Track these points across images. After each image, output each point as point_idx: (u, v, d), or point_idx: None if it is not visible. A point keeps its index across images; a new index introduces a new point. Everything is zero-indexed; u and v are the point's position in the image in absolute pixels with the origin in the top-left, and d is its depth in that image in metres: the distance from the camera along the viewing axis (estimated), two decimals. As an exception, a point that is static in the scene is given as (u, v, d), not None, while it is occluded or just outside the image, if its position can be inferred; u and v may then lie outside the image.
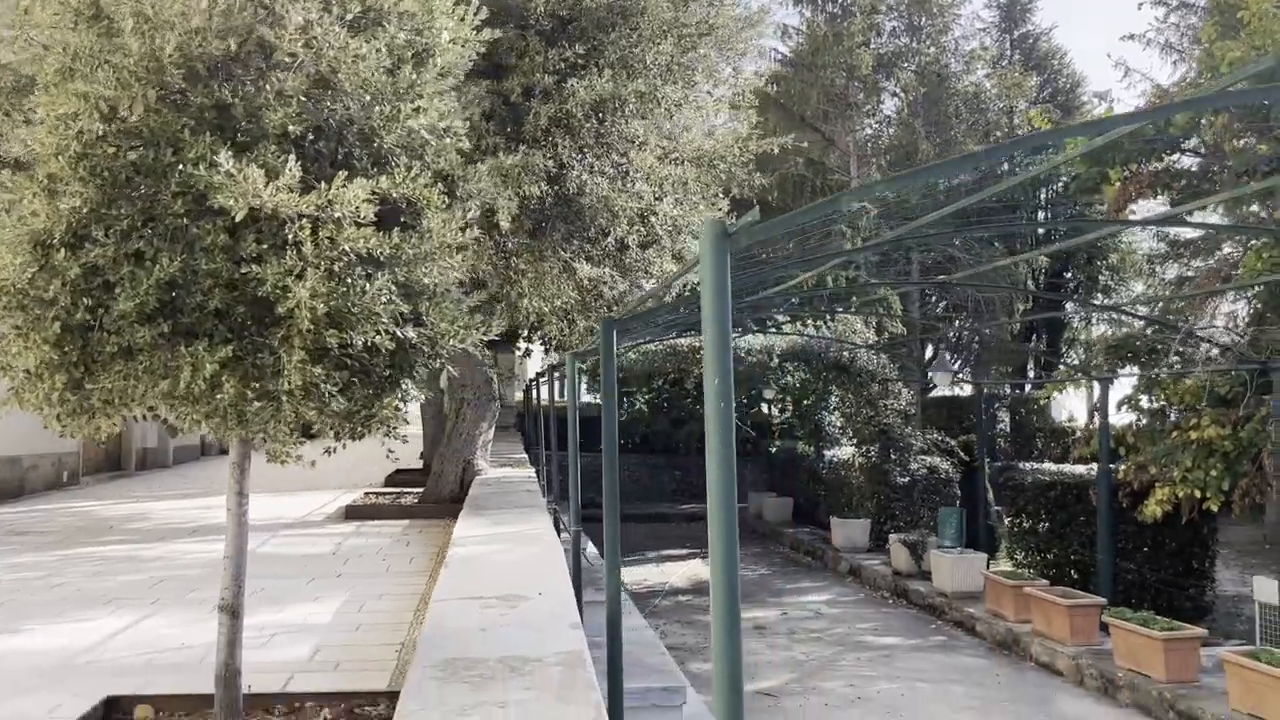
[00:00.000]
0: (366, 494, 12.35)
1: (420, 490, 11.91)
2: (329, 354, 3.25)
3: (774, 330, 16.42)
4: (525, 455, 16.46)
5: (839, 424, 17.03)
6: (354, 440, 3.94)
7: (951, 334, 27.90)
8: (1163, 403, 11.94)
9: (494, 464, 12.68)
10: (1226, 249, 13.73)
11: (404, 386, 3.75)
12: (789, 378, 16.07)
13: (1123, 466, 11.18)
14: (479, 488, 10.22)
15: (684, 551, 16.91)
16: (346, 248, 3.16)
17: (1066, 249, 24.62)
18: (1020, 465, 14.43)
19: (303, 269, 3.08)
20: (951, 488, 15.64)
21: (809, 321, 16.77)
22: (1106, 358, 11.76)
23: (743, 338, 15.14)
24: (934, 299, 26.06)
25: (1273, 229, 10.73)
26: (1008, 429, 26.81)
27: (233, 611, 3.66)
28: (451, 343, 3.70)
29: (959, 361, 28.56)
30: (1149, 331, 11.76)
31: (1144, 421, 11.68)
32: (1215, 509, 10.30)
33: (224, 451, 22.48)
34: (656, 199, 9.36)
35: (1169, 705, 7.75)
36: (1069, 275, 25.98)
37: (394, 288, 3.33)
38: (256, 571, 6.99)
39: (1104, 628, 9.31)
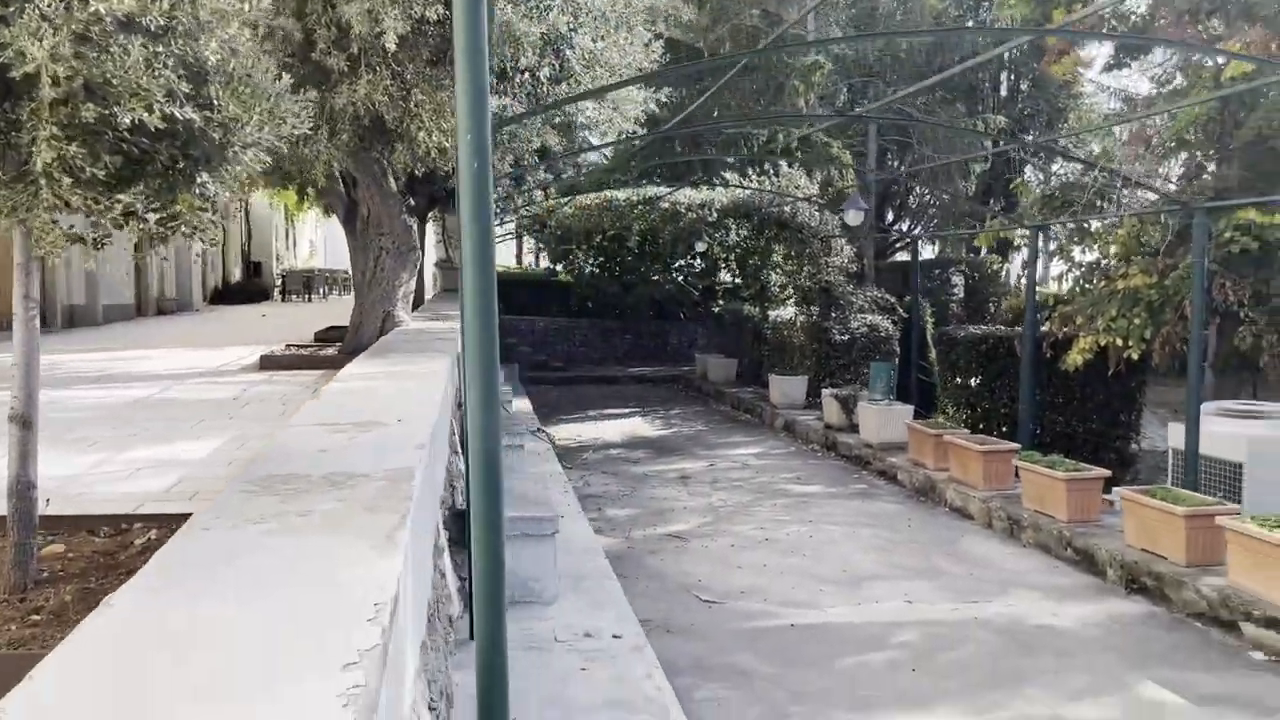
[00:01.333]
0: (288, 346, 12.10)
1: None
2: (93, 132, 2.96)
3: (720, 184, 16.09)
4: (459, 313, 16.19)
5: (783, 283, 16.85)
6: (162, 244, 3.68)
7: (912, 200, 27.65)
8: (1096, 255, 11.83)
9: (423, 318, 12.43)
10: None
11: (202, 181, 3.46)
12: (731, 234, 15.82)
13: (1050, 317, 11.13)
14: (393, 336, 9.99)
15: (626, 410, 16.90)
16: (100, 8, 2.83)
17: (1028, 113, 24.23)
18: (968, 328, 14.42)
19: (44, 30, 2.76)
20: (891, 345, 15.63)
21: (754, 176, 16.44)
22: (1040, 209, 11.55)
23: (678, 191, 14.83)
24: (894, 163, 25.67)
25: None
26: (962, 294, 26.85)
27: (23, 422, 3.44)
28: (252, 133, 3.40)
29: (918, 227, 28.37)
30: (1087, 179, 11.53)
31: (1076, 274, 11.59)
32: (1136, 356, 10.29)
33: (163, 311, 22.08)
34: (571, 30, 8.88)
35: (1067, 543, 7.84)
36: (1030, 138, 25.60)
37: (169, 61, 3.02)
38: (149, 415, 6.81)
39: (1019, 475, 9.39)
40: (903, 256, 29.69)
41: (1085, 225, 11.16)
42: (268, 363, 10.59)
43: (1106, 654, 5.90)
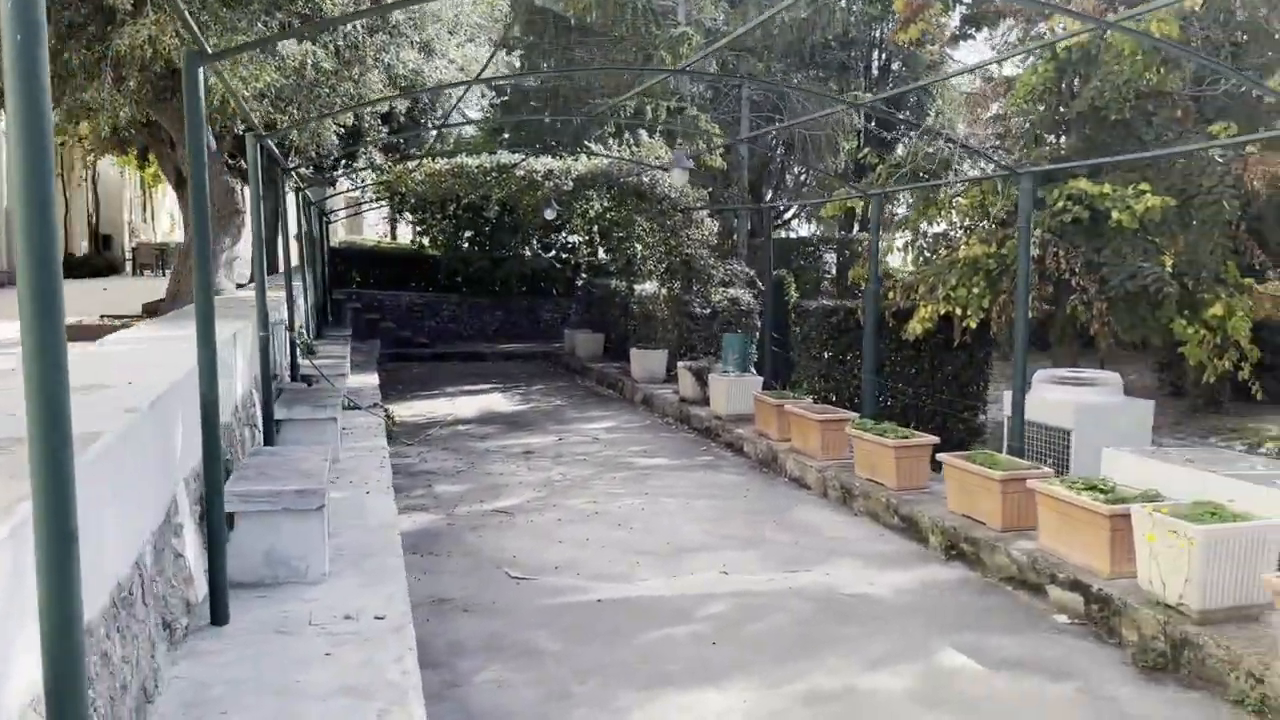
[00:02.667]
0: (103, 318, 11.31)
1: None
2: None
3: (582, 154, 15.70)
4: (307, 283, 15.43)
5: (644, 256, 16.58)
6: None
7: (789, 180, 27.77)
8: (944, 227, 11.86)
9: (254, 289, 11.76)
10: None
11: None
12: (593, 205, 15.47)
13: (893, 286, 11.12)
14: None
15: (487, 386, 16.44)
16: None
17: (899, 94, 24.43)
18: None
19: None
20: (753, 319, 15.56)
21: (614, 146, 16.09)
22: (886, 179, 11.51)
23: (535, 159, 14.39)
24: (774, 142, 25.70)
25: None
26: (834, 272, 27.13)
27: None
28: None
29: (794, 206, 28.54)
30: (933, 149, 11.52)
31: (921, 244, 11.61)
32: (974, 325, 10.34)
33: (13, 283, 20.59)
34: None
35: (894, 510, 7.76)
36: (901, 116, 25.93)
37: None
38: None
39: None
40: (784, 236, 29.98)
41: (931, 196, 11.16)
42: (75, 334, 9.83)
43: (914, 620, 5.77)
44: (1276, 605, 4.56)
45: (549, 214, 14.35)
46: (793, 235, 30.41)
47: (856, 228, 27.10)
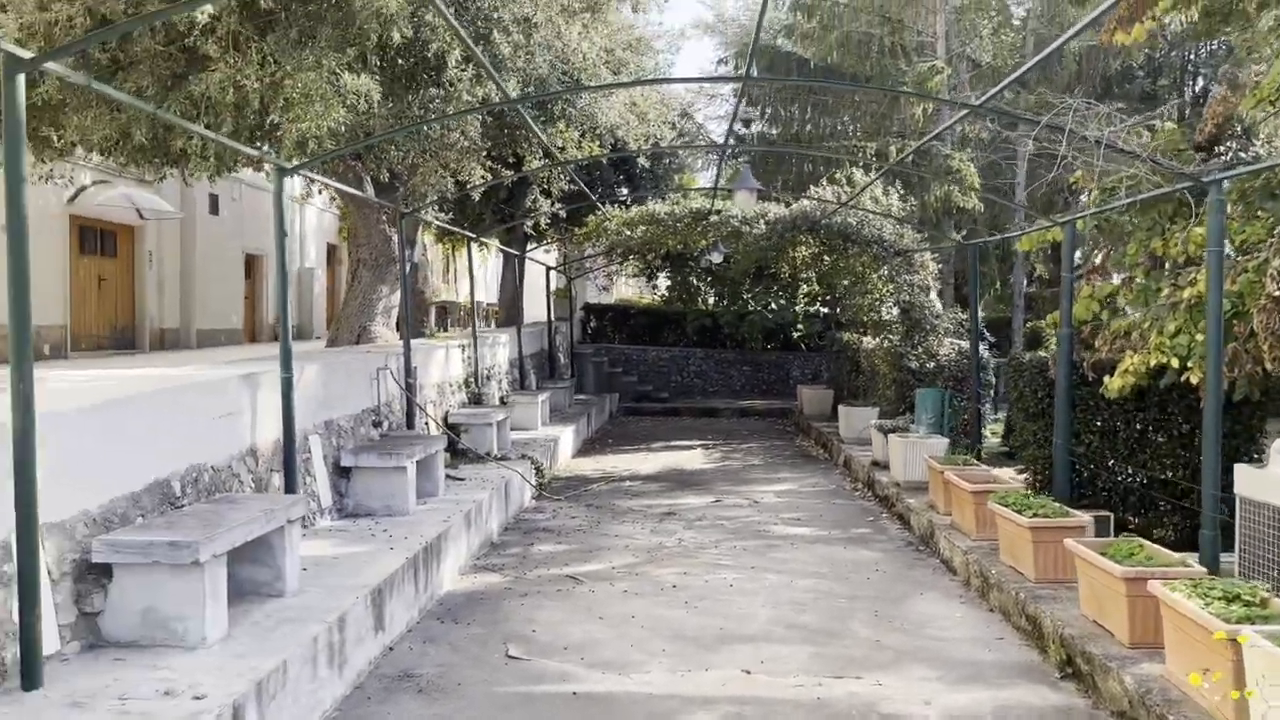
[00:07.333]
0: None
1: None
2: None
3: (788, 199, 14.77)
4: (506, 336, 15.54)
5: (864, 305, 15.19)
6: None
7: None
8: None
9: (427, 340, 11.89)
10: None
11: None
12: (801, 249, 14.42)
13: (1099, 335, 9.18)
14: (332, 351, 9.43)
15: (696, 442, 15.69)
16: None
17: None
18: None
19: None
20: (986, 374, 13.72)
21: (824, 186, 14.97)
22: (1100, 202, 9.56)
23: (722, 201, 13.57)
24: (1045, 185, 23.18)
25: None
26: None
27: None
28: None
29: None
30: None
31: (1139, 280, 9.55)
32: (1195, 380, 8.23)
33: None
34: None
35: (1020, 608, 6.13)
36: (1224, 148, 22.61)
37: None
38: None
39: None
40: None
41: (1156, 223, 9.13)
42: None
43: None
44: None
45: (716, 257, 13.48)
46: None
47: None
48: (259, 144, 7.63)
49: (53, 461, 4.22)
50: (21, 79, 3.89)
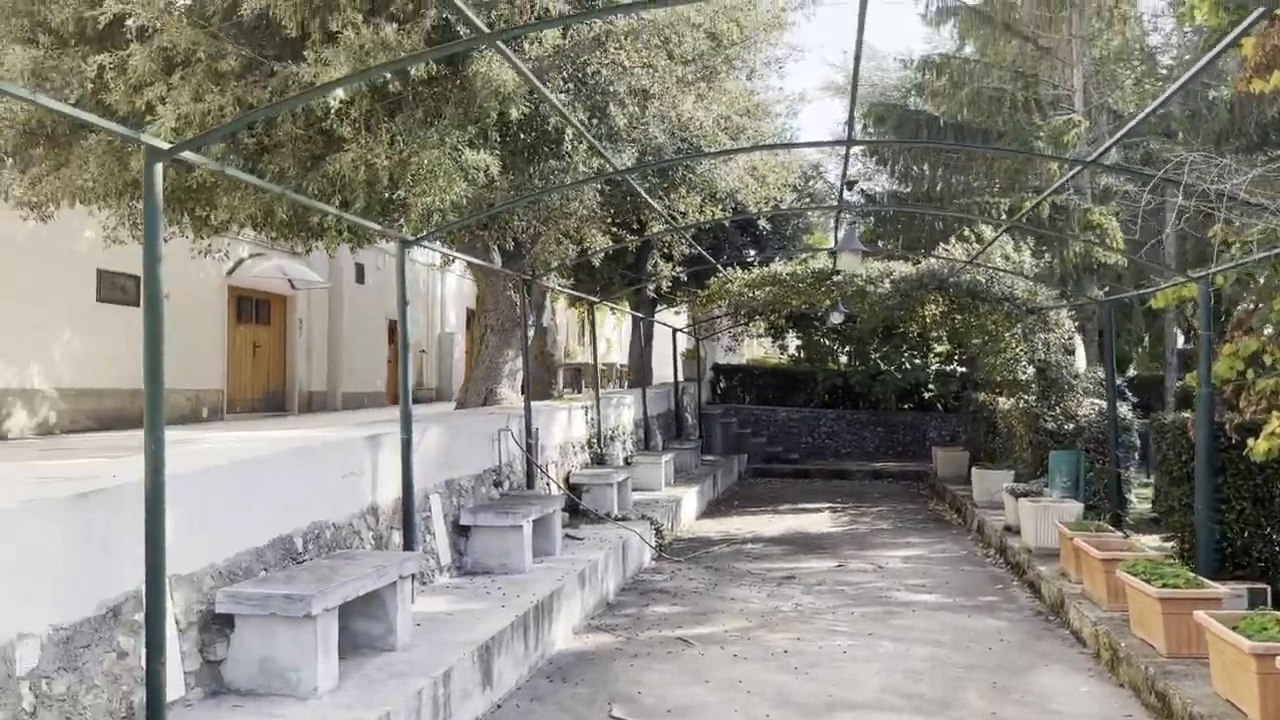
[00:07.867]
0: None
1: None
2: None
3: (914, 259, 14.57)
4: (631, 397, 15.70)
5: (999, 365, 14.73)
6: None
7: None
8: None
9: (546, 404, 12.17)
10: None
11: None
12: (930, 307, 14.16)
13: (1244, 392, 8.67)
14: (457, 413, 9.77)
15: (824, 505, 15.45)
16: None
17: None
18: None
19: None
20: (1130, 436, 13.08)
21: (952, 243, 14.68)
22: (1238, 257, 9.10)
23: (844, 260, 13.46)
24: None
25: None
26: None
27: None
28: None
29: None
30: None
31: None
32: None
33: (418, 400, 23.56)
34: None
35: (1150, 684, 5.79)
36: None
37: None
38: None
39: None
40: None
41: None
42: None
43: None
44: None
45: (836, 317, 13.34)
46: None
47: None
48: (389, 218, 8.08)
49: (185, 517, 4.55)
50: (159, 168, 4.29)
